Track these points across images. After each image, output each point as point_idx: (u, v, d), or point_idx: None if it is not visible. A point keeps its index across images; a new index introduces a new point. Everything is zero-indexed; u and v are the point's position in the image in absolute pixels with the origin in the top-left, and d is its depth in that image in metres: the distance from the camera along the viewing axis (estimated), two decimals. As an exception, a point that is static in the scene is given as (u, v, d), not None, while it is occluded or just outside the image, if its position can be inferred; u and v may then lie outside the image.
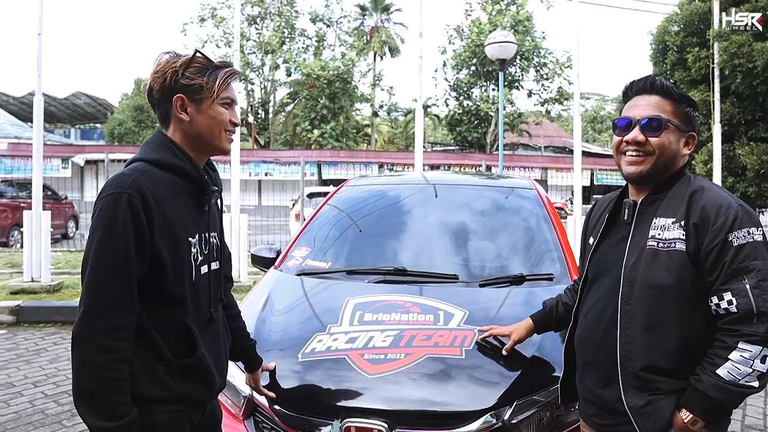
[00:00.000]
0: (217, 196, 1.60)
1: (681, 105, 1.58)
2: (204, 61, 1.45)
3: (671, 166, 1.58)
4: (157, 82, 1.42)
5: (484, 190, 3.68)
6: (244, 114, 32.41)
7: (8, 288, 6.51)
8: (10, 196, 12.12)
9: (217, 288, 1.61)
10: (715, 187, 1.55)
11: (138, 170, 1.38)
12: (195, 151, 1.48)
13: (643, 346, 1.49)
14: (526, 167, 28.95)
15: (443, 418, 1.86)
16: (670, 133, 1.56)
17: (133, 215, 1.31)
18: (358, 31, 35.25)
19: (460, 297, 2.48)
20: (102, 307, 1.28)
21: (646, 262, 1.50)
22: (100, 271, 1.29)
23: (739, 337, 1.38)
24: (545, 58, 29.99)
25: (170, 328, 1.42)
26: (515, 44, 8.57)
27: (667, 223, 1.50)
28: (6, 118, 31.24)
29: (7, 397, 3.89)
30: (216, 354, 1.56)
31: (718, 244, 1.42)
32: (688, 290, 1.46)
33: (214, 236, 1.58)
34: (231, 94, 1.49)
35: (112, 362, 1.28)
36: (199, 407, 1.53)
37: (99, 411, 1.28)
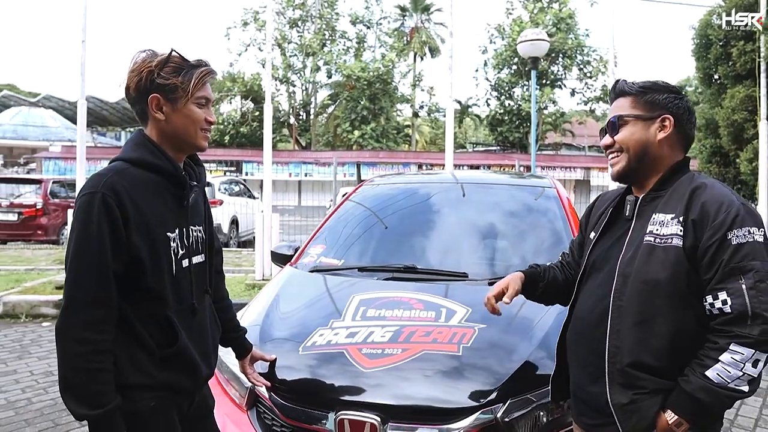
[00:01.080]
0: (199, 191, 1.64)
1: (640, 95, 1.59)
2: (179, 60, 1.49)
3: (650, 156, 1.57)
4: (133, 81, 1.46)
5: (501, 188, 3.66)
6: (286, 116, 32.90)
7: (54, 283, 6.82)
8: (63, 197, 12.67)
9: (202, 280, 1.65)
10: (718, 184, 1.52)
11: (114, 170, 1.44)
12: (172, 149, 1.53)
13: (632, 342, 1.47)
14: (567, 167, 28.40)
15: (436, 414, 1.87)
16: (631, 126, 1.58)
17: (107, 214, 1.36)
18: (398, 32, 35.25)
19: (466, 295, 2.48)
20: (79, 303, 1.35)
21: (642, 257, 1.49)
22: (77, 268, 1.36)
23: (731, 339, 1.35)
24: (589, 56, 29.32)
25: (152, 320, 1.47)
26: (548, 42, 8.43)
27: (666, 219, 1.48)
28: (61, 121, 32.67)
29: (46, 385, 4.10)
30: (202, 344, 1.61)
31: (716, 241, 1.39)
32: (681, 287, 1.43)
33: (198, 230, 1.63)
34: (206, 93, 1.53)
35: (91, 353, 1.34)
36: (185, 396, 1.58)
37: (81, 399, 1.35)
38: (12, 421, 3.51)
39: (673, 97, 1.58)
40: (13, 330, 5.62)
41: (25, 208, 11.83)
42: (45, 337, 5.39)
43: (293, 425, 1.97)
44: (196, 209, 1.64)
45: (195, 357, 1.55)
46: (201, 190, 1.66)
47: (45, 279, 7.26)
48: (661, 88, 1.60)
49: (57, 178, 14.29)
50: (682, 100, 1.59)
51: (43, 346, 5.10)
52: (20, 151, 30.95)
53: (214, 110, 8.65)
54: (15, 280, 7.18)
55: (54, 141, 28.33)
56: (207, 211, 1.71)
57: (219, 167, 26.12)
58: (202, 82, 1.51)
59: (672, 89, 1.61)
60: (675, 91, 1.60)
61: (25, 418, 3.56)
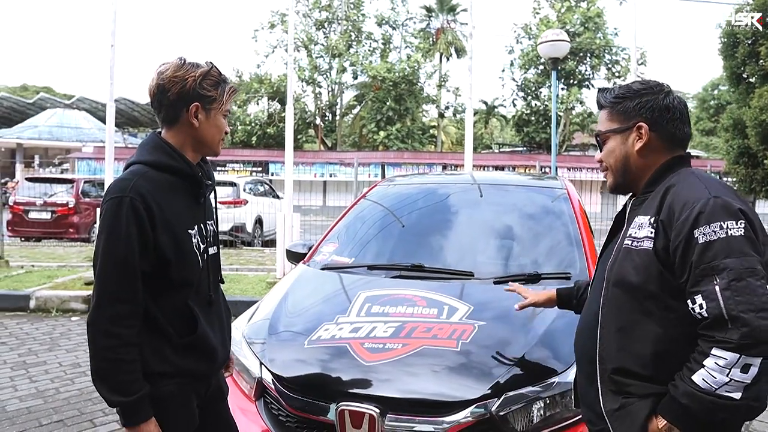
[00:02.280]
0: (212, 188, 1.76)
1: (614, 107, 1.54)
2: (217, 74, 1.61)
3: (633, 167, 1.53)
4: (176, 86, 1.56)
5: (513, 189, 3.71)
6: (312, 116, 33.19)
7: (83, 279, 7.07)
8: (93, 196, 13.06)
9: (216, 271, 1.77)
10: (697, 180, 1.42)
11: (137, 174, 1.54)
12: (192, 151, 1.64)
13: (615, 349, 1.45)
14: (594, 168, 28.00)
15: (432, 407, 1.94)
16: (610, 141, 1.56)
17: (135, 217, 1.47)
18: (424, 32, 35.28)
19: (470, 293, 2.55)
20: (107, 299, 1.46)
21: (620, 261, 1.46)
22: (106, 268, 1.47)
23: (712, 343, 1.27)
24: (617, 55, 28.94)
25: (175, 311, 1.58)
26: (568, 42, 8.39)
27: (644, 221, 1.43)
28: (94, 123, 33.52)
29: (73, 376, 4.29)
30: (219, 330, 1.73)
31: (682, 241, 1.32)
32: (655, 291, 1.38)
33: (211, 224, 1.75)
34: (230, 107, 1.68)
35: (119, 346, 1.46)
36: (203, 380, 1.69)
37: (111, 387, 1.47)
38: (41, 409, 3.69)
39: (645, 101, 1.50)
40: (45, 323, 5.85)
41: (59, 206, 12.23)
42: (74, 330, 5.60)
43: (297, 415, 2.06)
44: (209, 205, 1.76)
45: (213, 341, 1.66)
46: (213, 187, 1.78)
47: (75, 275, 7.53)
48: (632, 94, 1.53)
49: (88, 177, 14.72)
50: (655, 100, 1.50)
51: (72, 339, 5.30)
52: (55, 152, 31.88)
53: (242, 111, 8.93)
54: (47, 276, 7.46)
55: (87, 142, 29.12)
56: (215, 205, 1.82)
57: (245, 167, 26.50)
58: (230, 97, 1.65)
59: (643, 91, 1.52)
60: (647, 91, 1.52)
61: (53, 407, 3.73)
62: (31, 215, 12.16)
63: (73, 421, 3.53)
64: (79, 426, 3.47)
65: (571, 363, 2.09)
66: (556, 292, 2.04)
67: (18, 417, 3.56)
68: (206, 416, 1.70)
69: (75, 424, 3.49)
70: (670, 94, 1.53)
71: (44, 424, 3.47)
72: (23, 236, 12.44)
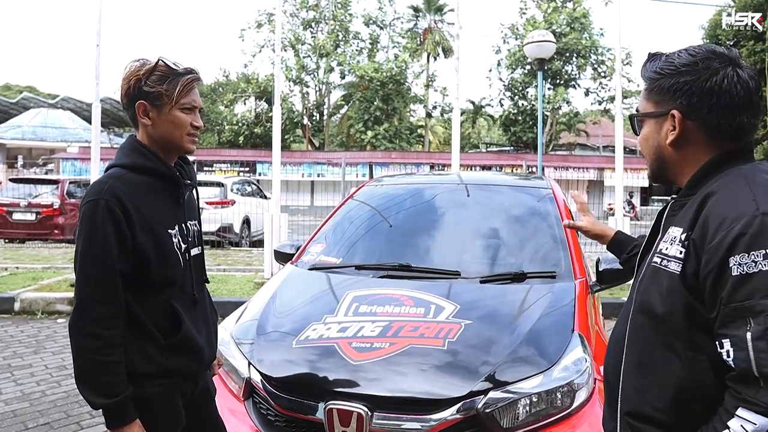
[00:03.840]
0: (192, 188, 1.76)
1: (652, 83, 1.25)
2: (165, 69, 1.58)
3: (668, 162, 1.25)
4: (123, 88, 1.58)
5: (500, 189, 3.74)
6: (299, 116, 33.12)
7: (69, 281, 7.00)
8: (79, 197, 12.93)
9: (200, 271, 1.77)
10: (746, 186, 1.11)
11: (113, 176, 1.55)
12: (162, 151, 1.63)
13: (631, 387, 1.21)
14: (581, 168, 28.25)
15: (419, 405, 1.96)
16: (645, 126, 1.28)
17: (111, 218, 1.47)
18: (412, 32, 35.37)
19: (457, 292, 2.57)
20: (88, 301, 1.46)
21: (647, 282, 1.21)
22: (85, 270, 1.48)
23: (739, 402, 1.02)
24: (603, 56, 29.18)
25: (158, 311, 1.59)
26: (553, 43, 8.47)
27: (676, 235, 1.16)
28: (79, 123, 33.17)
29: (59, 378, 4.26)
30: (205, 330, 1.73)
31: (713, 270, 1.06)
32: (681, 326, 1.12)
33: (193, 224, 1.75)
34: (192, 99, 1.62)
35: (102, 348, 1.46)
36: (190, 380, 1.69)
37: (95, 390, 1.46)
38: (27, 412, 3.66)
39: (682, 82, 1.18)
40: (30, 326, 5.80)
41: (43, 207, 12.10)
42: (59, 332, 5.56)
43: (286, 414, 2.07)
44: (191, 205, 1.76)
45: (199, 341, 1.67)
46: (193, 187, 1.78)
47: (61, 277, 7.47)
48: (672, 70, 1.20)
49: (74, 178, 14.58)
50: (695, 81, 1.17)
51: (57, 341, 5.26)
52: (39, 152, 31.50)
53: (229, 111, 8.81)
54: (32, 278, 7.39)
55: (71, 142, 28.82)
56: (198, 205, 1.82)
57: (233, 168, 26.38)
58: (187, 90, 1.60)
59: (685, 67, 1.19)
60: (689, 68, 1.18)
61: (39, 409, 3.71)
62: (15, 216, 12.02)
63: (60, 424, 3.51)
64: (65, 429, 3.45)
65: (556, 361, 2.13)
66: (614, 233, 1.83)
67: (3, 420, 3.53)
68: (194, 417, 1.70)
69: (62, 427, 3.47)
70: (719, 72, 1.16)
71: (30, 428, 3.45)
72: (7, 238, 12.30)
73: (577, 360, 2.14)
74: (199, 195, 1.83)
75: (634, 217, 15.67)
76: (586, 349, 2.22)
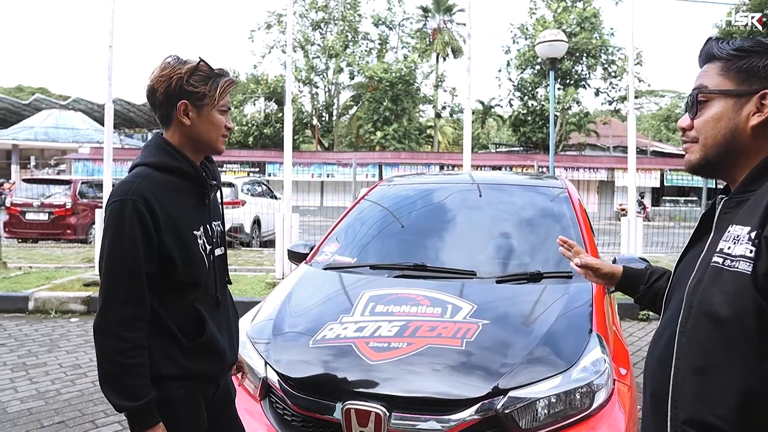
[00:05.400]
0: (217, 188, 1.75)
1: (733, 61, 1.16)
2: (207, 69, 1.58)
3: (738, 148, 1.16)
4: (162, 85, 1.55)
5: (515, 189, 3.72)
6: (309, 117, 33.18)
7: (82, 280, 7.05)
8: (91, 197, 13.02)
9: (223, 272, 1.76)
10: None
11: (140, 176, 1.53)
12: (192, 151, 1.62)
13: (690, 393, 1.13)
14: (591, 168, 28.10)
15: (437, 405, 1.95)
16: (715, 105, 1.17)
17: (139, 219, 1.46)
18: (421, 32, 35.34)
19: (473, 292, 2.56)
20: (114, 303, 1.45)
21: (707, 283, 1.13)
22: (112, 271, 1.47)
23: None
24: (613, 55, 29.02)
25: (182, 313, 1.58)
26: (565, 42, 8.42)
27: (741, 234, 1.10)
28: (90, 124, 33.42)
29: (74, 377, 4.29)
30: (227, 332, 1.72)
31: None
32: (750, 328, 1.05)
33: (217, 224, 1.74)
34: (227, 101, 1.63)
35: (127, 350, 1.45)
36: (212, 382, 1.69)
37: (119, 392, 1.45)
38: (42, 410, 3.69)
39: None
40: (44, 325, 5.85)
41: (56, 208, 12.20)
42: (73, 332, 5.60)
43: (303, 414, 2.07)
44: (215, 205, 1.75)
45: (222, 343, 1.66)
46: (218, 187, 1.77)
47: (74, 276, 7.51)
48: (766, 50, 1.15)
49: (85, 178, 14.67)
50: None
51: (71, 340, 5.30)
52: (51, 153, 31.76)
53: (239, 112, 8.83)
54: (45, 277, 7.45)
55: (83, 143, 29.05)
56: (222, 206, 1.82)
57: (242, 168, 26.45)
58: (226, 92, 1.61)
59: None
60: None
61: (54, 408, 3.73)
62: (28, 216, 12.13)
63: (75, 422, 3.53)
64: (81, 427, 3.46)
65: (574, 361, 2.11)
66: (622, 270, 1.65)
67: (19, 419, 3.55)
68: (214, 419, 1.69)
69: (77, 425, 3.49)
70: None
71: (45, 426, 3.47)
72: (20, 237, 12.40)
73: (596, 361, 2.13)
74: (223, 195, 1.83)
75: (645, 218, 15.55)
76: (604, 349, 2.20)
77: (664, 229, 12.16)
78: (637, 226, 7.12)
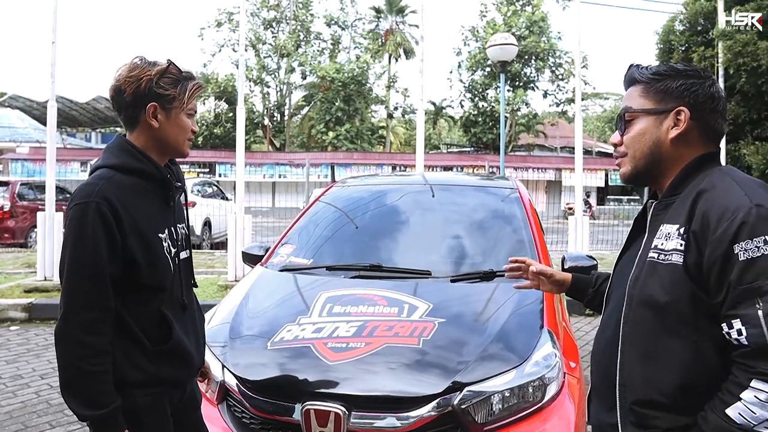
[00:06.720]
0: (181, 191, 1.72)
1: (652, 84, 1.34)
2: (176, 72, 1.56)
3: (662, 158, 1.34)
4: (131, 86, 1.51)
5: (467, 190, 3.80)
6: (260, 117, 32.76)
7: (22, 286, 6.75)
8: (31, 199, 12.48)
9: (188, 275, 1.74)
10: (733, 183, 1.23)
11: (103, 178, 1.49)
12: (158, 153, 1.60)
13: (639, 377, 1.27)
14: (539, 168, 28.86)
15: (396, 403, 1.98)
16: (640, 122, 1.35)
17: (102, 221, 1.42)
18: (373, 33, 35.44)
19: (428, 291, 2.60)
20: (78, 307, 1.41)
21: (645, 277, 1.29)
22: (75, 274, 1.42)
23: (752, 375, 1.11)
24: (560, 59, 29.86)
25: (147, 317, 1.54)
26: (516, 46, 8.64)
27: (672, 231, 1.25)
28: (29, 122, 31.93)
29: (15, 388, 4.10)
30: (194, 336, 1.69)
31: (719, 258, 1.15)
32: (686, 313, 1.21)
33: (182, 227, 1.71)
34: (195, 105, 1.62)
35: (91, 356, 1.40)
36: (178, 388, 1.65)
37: (82, 400, 1.41)
38: (-18, 424, 3.52)
39: (691, 83, 1.31)
40: (-19, 334, 5.57)
41: (-7, 210, 11.63)
42: (13, 341, 5.36)
43: (262, 417, 2.06)
44: (179, 207, 1.72)
45: (189, 348, 1.63)
46: (183, 189, 1.74)
47: (13, 282, 7.17)
48: (677, 73, 1.33)
49: (25, 180, 14.06)
50: (702, 86, 1.31)
51: (11, 350, 5.07)
52: (-14, 153, 30.22)
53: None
54: (-18, 283, 7.10)
55: (21, 142, 27.71)
56: (186, 208, 1.79)
57: (192, 169, 25.87)
58: (194, 95, 1.59)
59: (690, 73, 1.33)
60: (694, 74, 1.33)
61: (-5, 420, 3.57)
62: (-38, 220, 11.53)
63: (19, 434, 3.39)
64: (25, 439, 3.33)
65: (527, 356, 2.18)
66: (571, 277, 1.79)
67: (-43, 432, 3.39)
68: (179, 424, 1.66)
69: (21, 437, 3.36)
70: (715, 83, 1.35)
71: (-13, 439, 3.32)
72: (-46, 242, 11.78)
73: (547, 355, 2.21)
74: (186, 197, 1.80)
75: (591, 216, 16.13)
76: (555, 344, 2.28)
77: (609, 227, 12.61)
78: (584, 224, 7.38)
